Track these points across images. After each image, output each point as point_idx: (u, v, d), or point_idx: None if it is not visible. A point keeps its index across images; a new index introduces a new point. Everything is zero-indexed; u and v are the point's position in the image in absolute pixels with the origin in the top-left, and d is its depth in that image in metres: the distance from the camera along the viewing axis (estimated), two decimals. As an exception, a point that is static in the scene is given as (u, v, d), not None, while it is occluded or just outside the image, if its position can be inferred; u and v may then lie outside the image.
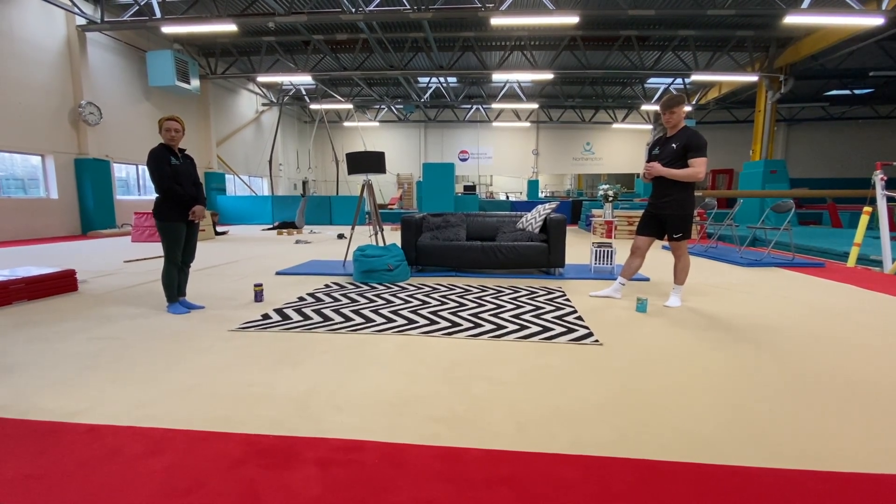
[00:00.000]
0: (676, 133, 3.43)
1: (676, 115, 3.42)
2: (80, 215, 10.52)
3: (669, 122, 3.46)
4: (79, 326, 3.00)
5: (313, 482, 1.37)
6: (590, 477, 1.40)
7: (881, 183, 5.83)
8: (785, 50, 12.54)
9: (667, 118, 3.46)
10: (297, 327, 2.96)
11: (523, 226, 5.19)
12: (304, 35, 12.44)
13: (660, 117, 3.58)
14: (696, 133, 3.37)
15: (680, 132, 3.42)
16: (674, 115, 3.42)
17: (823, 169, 20.90)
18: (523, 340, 2.72)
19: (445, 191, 12.37)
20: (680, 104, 3.42)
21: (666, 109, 3.43)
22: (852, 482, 1.38)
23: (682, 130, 3.43)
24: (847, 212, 11.59)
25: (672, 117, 3.43)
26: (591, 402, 1.92)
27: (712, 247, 7.28)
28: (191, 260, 3.48)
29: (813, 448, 1.57)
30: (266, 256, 6.60)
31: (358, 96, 18.80)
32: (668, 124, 3.48)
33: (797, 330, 2.97)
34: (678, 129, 3.44)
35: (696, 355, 2.49)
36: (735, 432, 1.67)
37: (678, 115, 3.42)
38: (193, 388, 2.03)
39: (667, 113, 3.44)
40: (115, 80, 11.48)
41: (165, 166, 3.17)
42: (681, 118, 3.45)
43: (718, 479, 1.39)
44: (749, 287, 4.38)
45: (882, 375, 2.21)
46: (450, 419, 1.77)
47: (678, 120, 3.44)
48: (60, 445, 1.57)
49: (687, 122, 3.71)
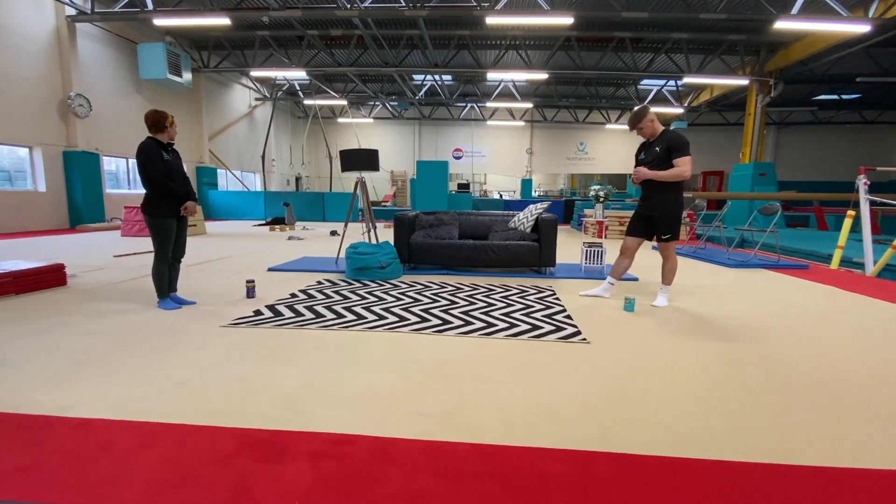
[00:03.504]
0: (658, 137, 3.51)
1: (647, 128, 3.52)
2: (69, 209, 10.39)
3: (643, 134, 3.57)
4: (69, 321, 2.99)
5: (304, 475, 1.40)
6: (573, 470, 1.45)
7: (864, 187, 5.97)
8: (775, 54, 12.72)
9: (639, 133, 3.57)
10: (289, 324, 2.97)
11: (515, 225, 5.23)
12: (298, 30, 12.37)
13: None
14: (677, 134, 3.45)
15: (661, 136, 3.51)
16: (643, 130, 3.53)
17: (811, 172, 21.25)
18: (513, 338, 2.77)
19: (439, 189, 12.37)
20: (642, 118, 3.51)
21: (633, 127, 3.56)
22: (825, 476, 1.44)
23: (663, 133, 3.51)
24: (833, 215, 11.79)
25: (643, 131, 3.54)
26: (577, 398, 1.97)
27: (701, 248, 7.39)
28: (181, 256, 3.47)
29: (788, 443, 1.63)
30: (258, 252, 6.58)
31: (352, 92, 18.73)
32: (644, 136, 3.58)
33: (779, 330, 3.05)
34: (658, 134, 3.53)
35: (680, 354, 2.55)
36: (714, 428, 1.72)
37: (649, 127, 3.52)
38: (185, 384, 2.05)
39: (635, 130, 3.56)
40: (106, 72, 11.32)
41: (159, 162, 3.14)
42: (653, 127, 3.53)
43: (696, 472, 1.45)
44: (735, 288, 4.46)
45: (856, 374, 2.29)
46: (439, 415, 1.80)
47: (651, 130, 3.53)
48: (52, 439, 1.58)
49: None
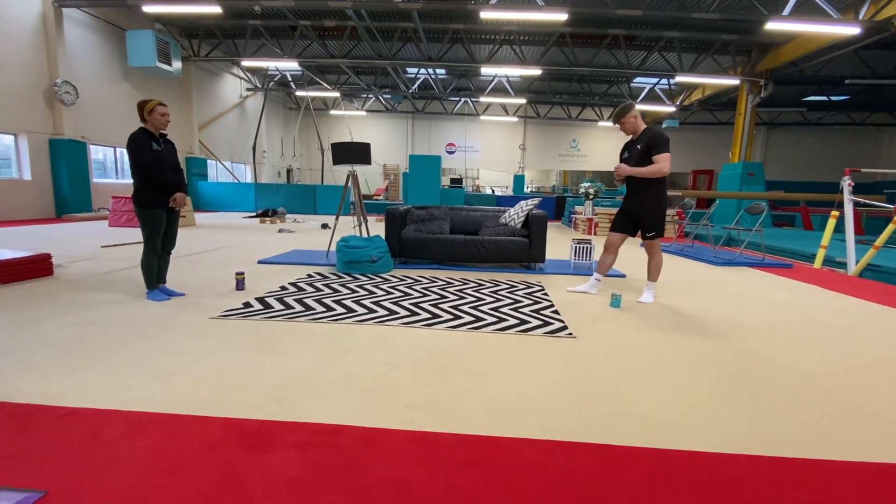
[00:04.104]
0: (640, 135, 3.58)
1: (629, 123, 3.57)
2: (55, 198, 10.23)
3: (626, 131, 3.62)
4: (56, 311, 2.97)
5: (292, 463, 1.43)
6: (555, 460, 1.50)
7: (848, 188, 6.09)
8: (766, 55, 12.85)
9: (622, 129, 3.63)
10: (278, 316, 2.99)
11: (506, 221, 5.27)
12: (290, 20, 12.23)
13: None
14: (657, 131, 3.52)
15: (642, 134, 3.57)
16: (626, 125, 3.58)
17: (799, 172, 21.57)
18: (501, 332, 2.81)
19: (432, 183, 12.36)
20: (626, 113, 3.56)
21: (616, 122, 3.61)
22: (799, 467, 1.50)
23: (644, 132, 3.57)
24: (818, 215, 12.00)
25: (626, 126, 3.59)
26: (562, 391, 2.02)
27: (688, 246, 7.49)
28: (171, 247, 3.46)
29: (763, 435, 1.69)
30: (248, 245, 6.55)
31: (345, 84, 18.58)
32: (627, 133, 3.64)
33: (759, 327, 3.12)
34: (640, 132, 3.59)
35: (663, 349, 2.61)
36: (692, 420, 1.78)
37: (631, 123, 3.57)
38: (174, 374, 2.06)
39: (619, 125, 3.61)
40: (93, 59, 11.11)
41: (147, 153, 3.12)
42: (635, 123, 3.59)
43: (671, 462, 1.50)
44: (719, 285, 4.55)
45: (831, 371, 2.36)
46: (426, 406, 1.84)
47: (634, 126, 3.59)
48: (40, 427, 1.59)
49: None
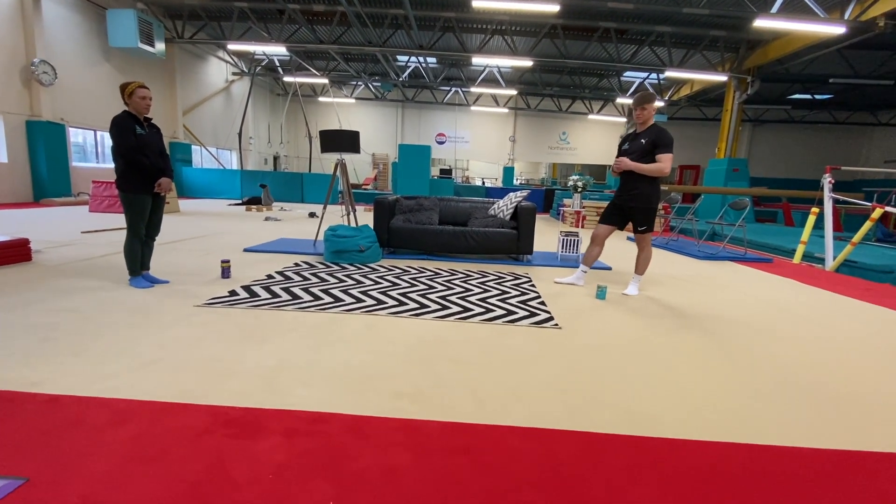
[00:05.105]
0: (646, 129, 3.56)
1: (647, 112, 3.54)
2: (32, 181, 9.91)
3: (640, 117, 3.57)
4: (35, 297, 2.91)
5: (278, 450, 1.44)
6: (539, 447, 1.53)
7: (829, 185, 6.24)
8: (753, 52, 12.99)
9: (638, 114, 3.57)
10: (264, 305, 2.97)
11: (495, 212, 5.28)
12: (279, 3, 11.94)
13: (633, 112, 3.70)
14: (664, 130, 3.51)
15: (649, 128, 3.55)
16: (645, 112, 3.54)
17: (782, 169, 21.96)
18: (488, 323, 2.84)
19: (421, 173, 12.29)
20: (652, 101, 3.55)
21: (638, 105, 3.55)
22: (769, 453, 1.56)
23: (652, 127, 3.55)
24: (800, 211, 12.28)
25: (643, 113, 3.55)
26: (547, 380, 2.05)
27: (673, 240, 7.61)
28: (156, 234, 3.40)
29: (739, 423, 1.74)
30: (234, 232, 6.46)
31: (334, 71, 18.28)
32: (639, 120, 3.59)
33: (741, 320, 3.20)
34: (647, 126, 3.57)
35: (647, 340, 2.66)
36: (673, 409, 1.83)
37: (649, 111, 3.55)
38: (157, 362, 2.04)
39: (638, 109, 3.55)
40: (72, 39, 10.72)
41: (130, 136, 3.04)
42: (651, 115, 3.57)
43: (652, 448, 1.54)
44: (702, 279, 4.64)
45: (807, 362, 2.44)
46: (413, 394, 1.86)
47: (648, 116, 3.56)
48: (21, 414, 1.57)
49: (658, 118, 3.85)
